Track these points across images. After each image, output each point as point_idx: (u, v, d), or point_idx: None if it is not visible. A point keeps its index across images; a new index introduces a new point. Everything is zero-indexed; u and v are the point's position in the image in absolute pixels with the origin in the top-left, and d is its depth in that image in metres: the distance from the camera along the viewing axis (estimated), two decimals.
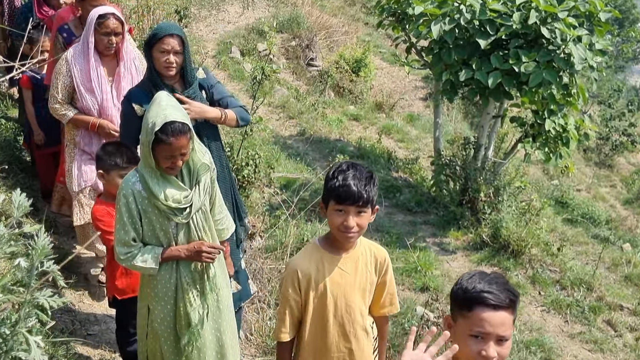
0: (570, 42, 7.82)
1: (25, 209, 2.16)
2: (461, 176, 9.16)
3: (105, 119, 5.25)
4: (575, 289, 7.74)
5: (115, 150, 4.35)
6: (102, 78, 5.20)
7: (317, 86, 13.91)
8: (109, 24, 5.05)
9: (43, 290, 2.12)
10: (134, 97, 4.49)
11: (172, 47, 4.36)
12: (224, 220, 4.13)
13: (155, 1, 10.61)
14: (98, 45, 5.13)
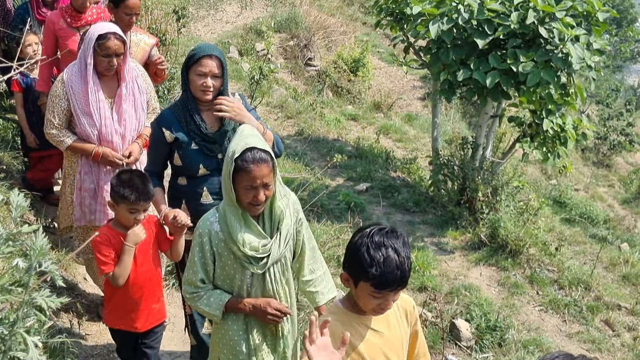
0: (568, 41, 7.82)
1: (24, 209, 2.16)
2: (459, 176, 9.15)
3: (105, 145, 4.86)
4: (573, 289, 7.74)
5: (128, 182, 4.05)
6: (102, 101, 4.79)
7: (315, 86, 13.92)
8: (110, 45, 4.63)
9: (41, 291, 2.12)
10: (165, 122, 4.25)
11: (210, 70, 4.08)
12: (318, 283, 3.79)
13: (153, 1, 10.61)
14: (98, 66, 4.73)
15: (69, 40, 5.92)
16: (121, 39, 4.69)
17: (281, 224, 3.47)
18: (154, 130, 4.32)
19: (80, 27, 5.91)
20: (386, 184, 9.90)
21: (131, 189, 4.01)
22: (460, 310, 6.94)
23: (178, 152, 4.24)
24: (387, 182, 9.99)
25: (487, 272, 7.96)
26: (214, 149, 4.23)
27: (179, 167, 4.31)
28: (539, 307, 7.46)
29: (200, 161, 4.23)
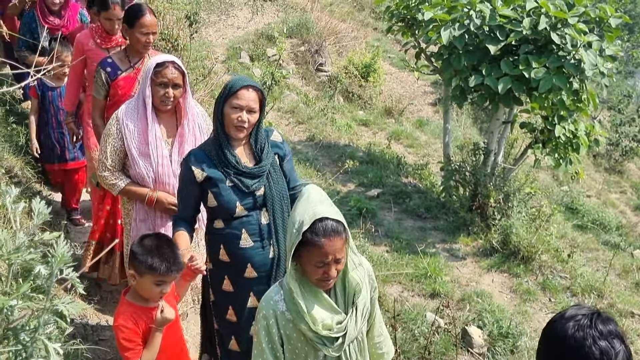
0: (580, 47, 7.81)
1: (45, 217, 2.18)
2: (471, 182, 9.15)
3: (161, 189, 4.48)
4: (586, 296, 7.72)
5: (154, 249, 3.50)
6: (159, 140, 4.38)
7: (327, 91, 13.93)
8: (166, 73, 4.27)
9: (62, 297, 2.13)
10: (195, 160, 3.92)
11: (247, 104, 3.78)
12: (383, 343, 3.43)
13: (165, 6, 10.64)
14: (153, 98, 4.33)
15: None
16: (180, 70, 4.33)
17: (357, 297, 3.08)
18: (183, 170, 3.98)
19: (110, 49, 5.72)
20: (397, 189, 9.90)
21: (161, 259, 3.46)
22: (473, 317, 6.92)
23: (211, 191, 3.92)
24: (399, 187, 9.99)
25: (499, 278, 7.94)
26: (250, 185, 3.94)
27: (214, 208, 3.98)
28: (551, 314, 7.41)
29: (237, 199, 3.92)
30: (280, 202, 4.05)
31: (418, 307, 6.79)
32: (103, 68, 5.15)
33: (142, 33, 5.03)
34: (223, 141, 3.90)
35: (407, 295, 7.17)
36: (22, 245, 2.12)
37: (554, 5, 8.01)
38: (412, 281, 7.41)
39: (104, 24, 5.70)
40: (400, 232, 8.63)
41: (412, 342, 6.12)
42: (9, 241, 2.12)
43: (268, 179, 4.00)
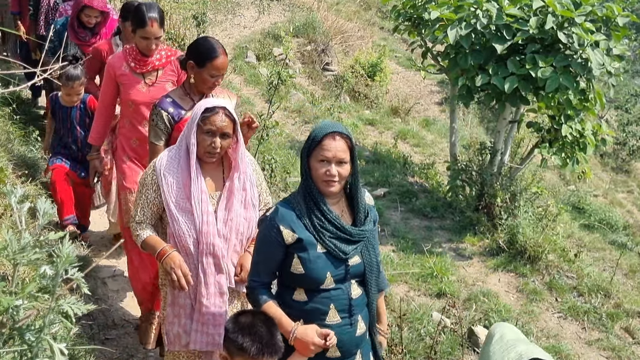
0: (587, 47, 7.80)
1: (50, 216, 2.18)
2: (477, 181, 9.14)
3: (205, 250, 3.73)
4: (592, 296, 7.70)
5: (249, 328, 3.13)
6: (204, 194, 3.74)
7: (333, 91, 13.94)
8: (215, 120, 3.64)
9: (68, 297, 2.14)
10: (283, 218, 3.31)
11: (334, 155, 3.24)
12: None
13: (172, 6, 10.67)
14: (198, 147, 3.71)
15: (133, 89, 5.07)
16: (231, 117, 3.70)
17: None
18: (267, 230, 3.36)
19: (146, 73, 5.09)
20: (404, 189, 9.89)
21: (253, 339, 3.08)
22: (479, 317, 6.91)
23: (299, 255, 3.32)
24: (405, 187, 9.99)
25: (505, 278, 7.93)
26: (348, 252, 3.35)
27: (298, 276, 3.36)
28: (558, 314, 7.42)
29: (328, 268, 3.33)
30: (377, 274, 3.53)
31: (424, 307, 6.79)
32: (164, 109, 4.38)
33: (212, 75, 4.30)
34: (315, 196, 3.31)
35: (413, 294, 7.17)
36: (28, 245, 2.12)
37: (560, 4, 8.00)
38: (418, 281, 7.40)
39: (139, 44, 4.98)
40: (406, 231, 8.62)
41: (418, 341, 6.12)
42: (15, 241, 2.13)
43: (366, 245, 3.44)
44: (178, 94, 4.47)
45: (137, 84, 5.06)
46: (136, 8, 4.96)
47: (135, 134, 5.15)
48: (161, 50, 5.12)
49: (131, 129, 5.17)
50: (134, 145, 5.18)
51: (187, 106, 4.40)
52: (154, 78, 5.13)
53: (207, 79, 4.30)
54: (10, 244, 2.12)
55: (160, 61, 5.11)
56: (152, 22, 4.84)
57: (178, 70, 5.11)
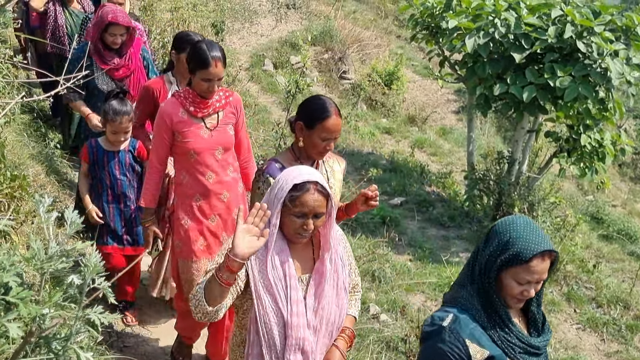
0: (607, 56, 7.77)
1: (78, 226, 2.20)
2: (495, 191, 9.12)
3: (294, 344, 3.09)
4: (611, 307, 7.66)
5: None
6: (292, 278, 3.12)
7: (350, 99, 13.96)
8: (307, 201, 2.99)
9: (94, 307, 2.15)
10: (468, 329, 2.78)
11: (540, 278, 2.76)
12: None
13: (190, 14, 10.72)
14: (284, 228, 3.09)
15: (194, 137, 4.45)
16: (325, 193, 3.04)
17: None
18: (444, 343, 2.78)
19: (206, 117, 4.48)
20: (421, 198, 9.88)
21: None
22: None
23: None
24: (422, 196, 9.98)
25: None
26: None
27: None
28: (576, 325, 7.39)
29: None
30: None
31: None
32: (272, 176, 3.77)
33: (323, 138, 3.77)
34: (501, 311, 2.80)
35: (430, 304, 7.15)
36: (55, 255, 2.14)
37: (579, 13, 7.99)
38: (435, 290, 7.38)
39: (199, 86, 4.37)
40: (423, 240, 8.61)
41: None
42: (42, 250, 2.15)
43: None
44: (286, 158, 3.90)
45: (198, 130, 4.45)
46: (197, 47, 4.37)
47: (198, 189, 4.52)
48: (219, 91, 4.53)
49: (193, 183, 4.53)
50: (197, 202, 4.54)
51: None
52: (216, 122, 4.52)
53: (317, 142, 3.77)
54: (37, 253, 2.14)
55: (220, 102, 4.53)
56: (216, 62, 4.30)
57: (237, 111, 4.65)
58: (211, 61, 4.27)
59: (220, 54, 4.37)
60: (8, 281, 2.06)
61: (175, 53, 5.10)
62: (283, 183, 3.03)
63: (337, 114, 3.76)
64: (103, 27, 5.55)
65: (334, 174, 4.09)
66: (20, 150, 6.41)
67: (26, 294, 2.07)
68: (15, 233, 4.49)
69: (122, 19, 5.57)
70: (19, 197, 4.75)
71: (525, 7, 8.47)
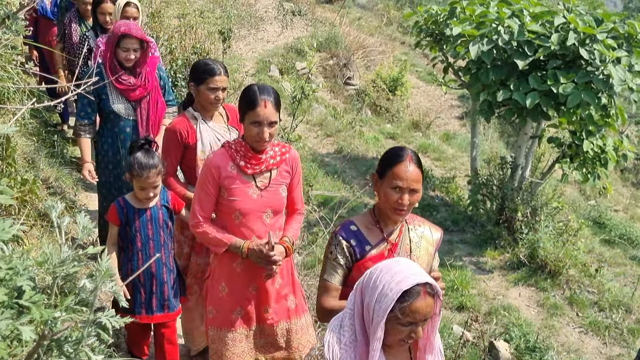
0: (609, 63, 7.83)
1: (90, 231, 2.27)
2: (498, 196, 9.18)
3: None
4: (613, 311, 7.70)
5: None
6: None
7: (354, 104, 14.04)
8: (419, 309, 2.52)
9: (105, 310, 2.22)
10: None
11: None
12: None
13: (197, 21, 10.81)
14: (389, 337, 2.58)
15: (242, 196, 3.89)
16: (434, 293, 2.56)
17: None
18: None
19: (257, 175, 3.91)
20: (425, 202, 9.94)
21: None
22: (500, 331, 6.94)
23: None
24: (426, 201, 10.03)
25: (526, 292, 7.96)
26: None
27: None
28: (578, 328, 7.43)
29: None
30: None
31: (445, 320, 6.83)
32: (346, 239, 3.30)
33: (394, 186, 3.20)
34: None
35: None
36: (67, 259, 2.21)
37: (582, 21, 8.05)
38: None
39: (249, 132, 3.80)
40: None
41: None
42: (55, 255, 2.21)
43: None
44: (364, 221, 3.36)
45: (247, 189, 3.88)
46: (248, 89, 3.81)
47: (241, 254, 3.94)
48: (274, 145, 3.98)
49: None
50: (238, 269, 4.01)
51: (374, 240, 3.33)
52: (267, 181, 3.92)
53: (389, 193, 3.18)
54: (50, 258, 2.20)
55: (275, 159, 3.93)
56: (266, 102, 3.70)
57: (293, 170, 4.05)
58: (260, 101, 3.69)
59: (273, 96, 3.78)
60: (22, 285, 2.12)
61: (194, 85, 4.53)
62: (386, 289, 2.50)
63: (412, 160, 3.19)
64: (116, 40, 5.16)
65: (421, 243, 3.45)
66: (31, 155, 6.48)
67: (39, 297, 2.13)
68: (26, 236, 4.57)
69: (135, 31, 5.20)
70: (29, 200, 4.84)
71: (529, 14, 8.53)
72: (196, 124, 4.58)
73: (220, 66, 4.49)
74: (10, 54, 5.47)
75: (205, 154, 4.42)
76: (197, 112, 4.61)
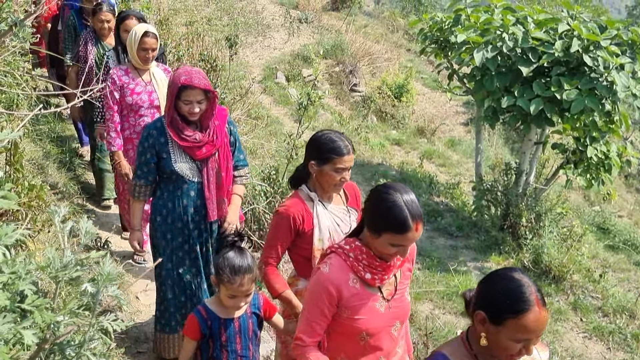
0: (613, 70, 7.86)
1: (92, 235, 2.31)
2: (502, 201, 9.19)
3: None
4: (617, 316, 7.71)
5: None
6: None
7: (360, 111, 14.08)
8: None
9: (107, 314, 2.26)
10: None
11: None
12: None
13: (204, 28, 10.89)
14: None
15: (368, 313, 3.18)
16: None
17: None
18: None
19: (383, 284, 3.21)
20: (430, 208, 9.96)
21: None
22: None
23: None
24: (431, 206, 10.06)
25: None
26: None
27: None
28: (582, 334, 7.44)
29: None
30: None
31: (449, 325, 6.85)
32: None
33: (517, 340, 2.49)
34: None
35: (438, 312, 7.23)
36: (70, 263, 2.24)
37: (586, 28, 8.08)
38: (443, 299, 7.46)
39: (387, 249, 3.03)
40: (432, 250, 8.69)
41: None
42: (57, 259, 2.24)
43: None
44: (458, 352, 2.66)
45: (374, 303, 3.17)
46: (393, 209, 2.98)
47: None
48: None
49: None
50: None
51: None
52: (393, 288, 3.26)
53: (508, 345, 2.49)
54: (52, 262, 2.24)
55: (398, 260, 3.24)
56: (417, 224, 2.96)
57: (412, 264, 3.46)
58: (412, 224, 2.94)
59: (422, 218, 3.04)
60: (24, 289, 2.15)
61: (316, 164, 3.79)
62: None
63: (539, 304, 2.47)
64: (176, 92, 4.37)
65: None
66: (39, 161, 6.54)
67: (41, 301, 2.15)
68: (32, 242, 4.62)
69: (198, 81, 4.36)
70: (36, 206, 4.88)
71: (533, 21, 8.58)
72: (312, 206, 3.90)
73: (347, 142, 3.81)
74: (18, 60, 5.50)
75: (324, 243, 3.81)
76: (314, 192, 3.91)
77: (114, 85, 5.69)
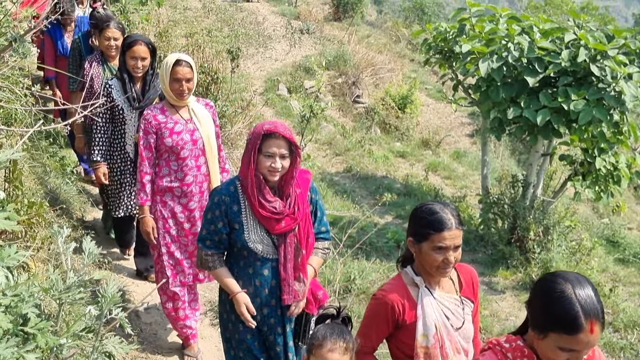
0: (620, 79, 7.77)
1: (96, 257, 2.22)
2: (510, 214, 9.09)
3: None
4: (628, 332, 7.59)
5: None
6: None
7: (363, 123, 14.02)
8: None
9: (111, 337, 2.17)
10: None
11: None
12: None
13: (205, 40, 10.81)
14: None
15: None
16: None
17: None
18: None
19: None
20: None
21: None
22: None
23: None
24: None
25: None
26: None
27: None
28: None
29: None
30: None
31: None
32: None
33: None
34: None
35: None
36: (73, 285, 2.16)
37: (593, 37, 8.00)
38: None
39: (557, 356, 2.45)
40: None
41: None
42: (60, 281, 2.17)
43: None
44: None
45: None
46: (561, 302, 2.40)
47: None
48: None
49: None
50: None
51: None
52: None
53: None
54: (55, 284, 2.16)
55: None
56: (593, 324, 2.34)
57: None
58: (584, 323, 2.33)
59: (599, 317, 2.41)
60: (27, 312, 2.07)
61: (414, 242, 3.20)
62: None
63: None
64: (259, 143, 3.65)
65: None
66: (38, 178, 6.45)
67: (44, 324, 2.09)
68: (32, 260, 4.52)
69: (283, 130, 3.65)
70: (35, 223, 4.79)
71: (539, 31, 8.50)
72: (417, 293, 3.23)
73: (451, 215, 3.13)
74: (17, 75, 5.40)
75: (429, 340, 3.16)
76: (420, 276, 3.24)
77: (148, 126, 4.92)
